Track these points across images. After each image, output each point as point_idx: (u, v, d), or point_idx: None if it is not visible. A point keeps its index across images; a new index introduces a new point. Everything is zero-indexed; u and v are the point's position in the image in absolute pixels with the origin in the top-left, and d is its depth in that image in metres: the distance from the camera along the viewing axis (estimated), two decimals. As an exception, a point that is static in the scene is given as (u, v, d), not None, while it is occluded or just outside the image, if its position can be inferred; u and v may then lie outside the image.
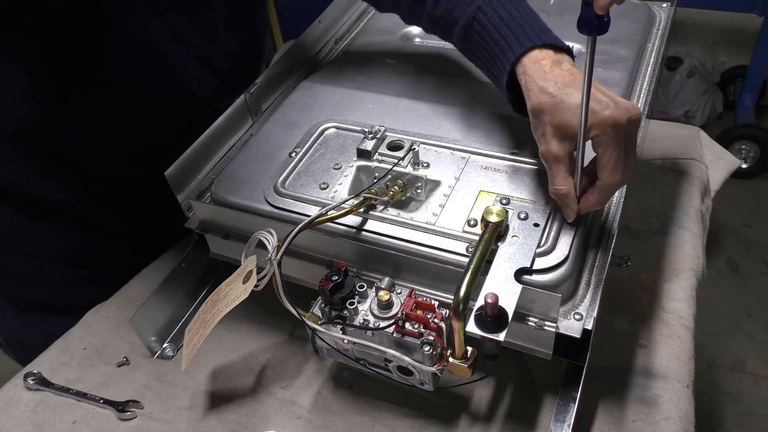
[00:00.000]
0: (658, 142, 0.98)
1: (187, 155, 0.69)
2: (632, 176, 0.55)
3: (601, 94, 0.54)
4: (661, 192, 0.90)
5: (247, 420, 0.64)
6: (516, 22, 0.60)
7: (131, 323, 0.69)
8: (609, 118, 0.52)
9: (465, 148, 0.68)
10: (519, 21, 0.61)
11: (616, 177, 0.54)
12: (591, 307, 0.56)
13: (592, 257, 0.60)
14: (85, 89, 0.70)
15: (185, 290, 0.76)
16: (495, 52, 0.62)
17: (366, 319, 0.56)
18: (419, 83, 0.79)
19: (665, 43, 0.82)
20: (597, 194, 0.56)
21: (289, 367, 0.69)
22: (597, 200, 0.56)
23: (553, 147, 0.56)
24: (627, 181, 0.55)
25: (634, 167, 0.55)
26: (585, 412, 0.61)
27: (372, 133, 0.65)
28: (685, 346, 0.68)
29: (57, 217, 0.78)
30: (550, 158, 0.56)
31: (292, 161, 0.69)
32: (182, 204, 0.70)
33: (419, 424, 0.63)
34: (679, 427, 0.61)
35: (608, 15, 0.48)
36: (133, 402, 0.66)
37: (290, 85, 0.84)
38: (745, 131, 2.24)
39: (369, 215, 0.62)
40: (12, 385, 0.69)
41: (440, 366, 0.54)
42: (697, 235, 0.84)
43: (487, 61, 0.64)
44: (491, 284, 0.53)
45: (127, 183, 0.79)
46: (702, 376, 1.66)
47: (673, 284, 0.75)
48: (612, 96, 0.54)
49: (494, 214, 0.56)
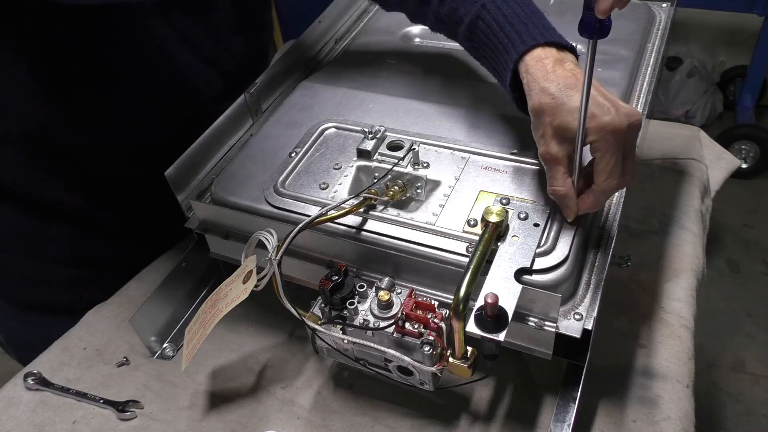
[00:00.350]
0: (658, 142, 0.98)
1: (187, 155, 0.69)
2: (630, 180, 0.55)
3: (603, 97, 0.54)
4: (661, 192, 0.90)
5: (247, 420, 0.64)
6: (519, 20, 0.60)
7: (131, 323, 0.69)
8: (609, 124, 0.52)
9: (465, 148, 0.68)
10: (523, 19, 0.60)
11: (612, 183, 0.54)
12: (591, 307, 0.56)
13: (592, 257, 0.60)
14: (90, 90, 0.70)
15: (185, 290, 0.76)
16: (498, 50, 0.62)
17: (366, 319, 0.56)
18: (419, 83, 0.79)
19: (665, 43, 0.82)
20: (593, 198, 0.56)
21: (289, 367, 0.69)
22: (593, 203, 0.56)
23: (553, 148, 0.56)
24: (624, 186, 0.55)
25: (632, 172, 0.55)
26: (585, 412, 0.61)
27: (372, 133, 0.65)
28: (685, 346, 0.68)
29: (58, 217, 0.78)
30: (549, 159, 0.56)
31: (292, 161, 0.69)
32: (182, 204, 0.70)
33: (419, 424, 0.63)
34: (679, 427, 0.61)
35: (609, 18, 0.48)
36: (133, 402, 0.66)
37: (290, 85, 0.84)
38: (745, 131, 2.24)
39: (369, 215, 0.62)
40: (12, 385, 0.69)
41: (440, 366, 0.54)
42: (697, 235, 0.84)
43: (492, 59, 0.64)
44: (491, 284, 0.53)
45: (129, 183, 0.79)
46: (702, 376, 1.66)
47: (673, 284, 0.75)
48: (613, 100, 0.54)
49: (494, 214, 0.56)
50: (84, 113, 0.71)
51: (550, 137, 0.56)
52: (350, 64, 0.86)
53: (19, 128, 0.70)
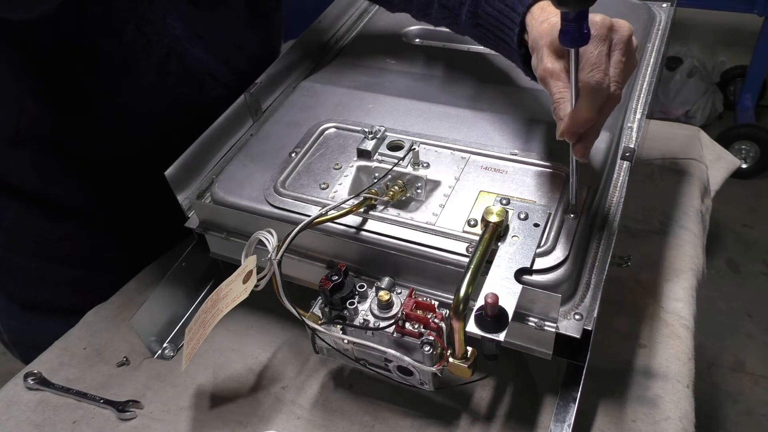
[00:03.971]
0: (658, 142, 0.98)
1: (187, 155, 0.69)
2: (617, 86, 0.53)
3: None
4: (661, 192, 0.90)
5: (247, 420, 0.64)
6: None
7: (131, 323, 0.69)
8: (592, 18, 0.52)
9: (465, 148, 0.68)
10: None
11: (596, 75, 0.52)
12: (591, 307, 0.56)
13: (592, 257, 0.60)
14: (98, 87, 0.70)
15: (185, 290, 0.76)
16: (504, 12, 0.63)
17: (366, 319, 0.56)
18: (419, 83, 0.79)
19: (665, 43, 0.82)
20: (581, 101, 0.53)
21: (289, 367, 0.69)
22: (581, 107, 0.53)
23: (549, 63, 0.56)
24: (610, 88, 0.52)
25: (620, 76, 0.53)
26: (585, 412, 0.61)
27: (372, 133, 0.65)
28: (685, 346, 0.68)
29: (63, 216, 0.78)
30: (547, 75, 0.56)
31: (292, 161, 0.69)
32: (182, 204, 0.70)
33: (419, 424, 0.63)
34: (679, 427, 0.61)
35: (588, 26, 0.49)
36: (133, 402, 0.66)
37: (290, 85, 0.84)
38: (745, 131, 2.24)
39: (369, 215, 0.62)
40: (12, 385, 0.69)
41: (440, 366, 0.54)
42: (697, 235, 0.84)
43: (496, 27, 0.65)
44: (491, 284, 0.53)
45: (134, 182, 0.79)
46: (702, 376, 1.66)
47: (673, 284, 0.75)
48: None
49: (494, 214, 0.56)
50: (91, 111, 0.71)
51: (546, 55, 0.56)
52: (350, 64, 0.86)
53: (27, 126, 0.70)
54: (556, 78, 0.55)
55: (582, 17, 0.48)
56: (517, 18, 0.61)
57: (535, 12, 0.60)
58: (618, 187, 0.65)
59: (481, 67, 0.80)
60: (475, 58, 0.82)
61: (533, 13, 0.60)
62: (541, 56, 0.57)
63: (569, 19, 0.48)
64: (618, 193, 0.64)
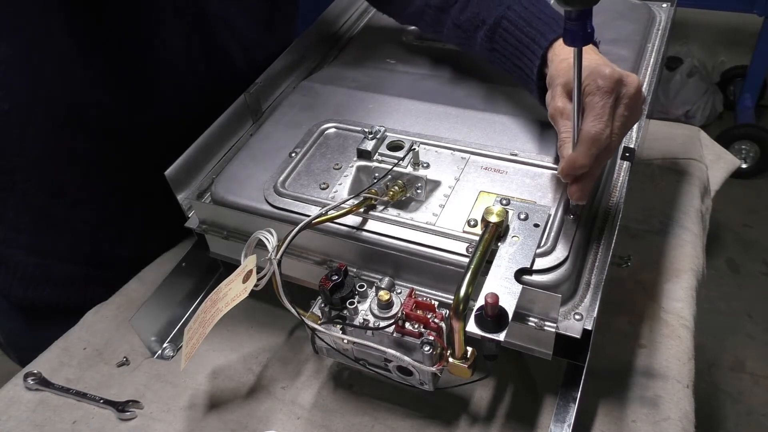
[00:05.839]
0: (658, 142, 0.98)
1: (187, 155, 0.69)
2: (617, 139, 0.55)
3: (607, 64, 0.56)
4: (661, 192, 0.90)
5: (247, 420, 0.64)
6: (546, 15, 0.65)
7: (131, 323, 0.69)
8: (602, 70, 0.54)
9: (465, 149, 0.68)
10: (549, 14, 0.65)
11: (597, 126, 0.54)
12: (591, 307, 0.56)
13: (592, 257, 0.60)
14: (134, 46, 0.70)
15: (185, 290, 0.76)
16: (525, 43, 0.65)
17: (366, 319, 0.56)
18: (419, 83, 0.79)
19: (665, 43, 0.83)
20: (579, 146, 0.55)
21: (289, 367, 0.69)
22: (578, 153, 0.55)
23: (560, 102, 0.58)
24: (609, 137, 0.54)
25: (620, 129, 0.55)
26: (585, 412, 0.61)
27: (372, 133, 0.65)
28: (685, 346, 0.68)
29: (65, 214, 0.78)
30: (557, 114, 0.58)
31: (292, 161, 0.69)
32: (182, 204, 0.70)
33: (419, 424, 0.63)
34: (679, 427, 0.61)
35: (592, 26, 0.50)
36: (133, 402, 0.66)
37: (290, 85, 0.84)
38: (745, 131, 2.24)
39: (369, 215, 0.62)
40: (12, 385, 0.69)
41: (440, 366, 0.54)
42: (697, 235, 0.84)
43: (513, 55, 0.66)
44: (491, 284, 0.53)
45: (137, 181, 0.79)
46: (702, 376, 1.66)
47: (673, 284, 0.75)
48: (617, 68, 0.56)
49: (494, 214, 0.56)
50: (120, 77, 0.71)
51: (558, 95, 0.58)
52: (350, 64, 0.86)
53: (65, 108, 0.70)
54: (565, 118, 0.58)
55: (586, 16, 0.49)
56: (539, 51, 0.62)
57: (557, 48, 0.61)
58: (618, 187, 0.65)
59: (481, 67, 0.80)
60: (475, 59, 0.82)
61: (555, 49, 0.61)
62: (554, 95, 0.59)
63: (572, 18, 0.49)
64: (618, 193, 0.64)
